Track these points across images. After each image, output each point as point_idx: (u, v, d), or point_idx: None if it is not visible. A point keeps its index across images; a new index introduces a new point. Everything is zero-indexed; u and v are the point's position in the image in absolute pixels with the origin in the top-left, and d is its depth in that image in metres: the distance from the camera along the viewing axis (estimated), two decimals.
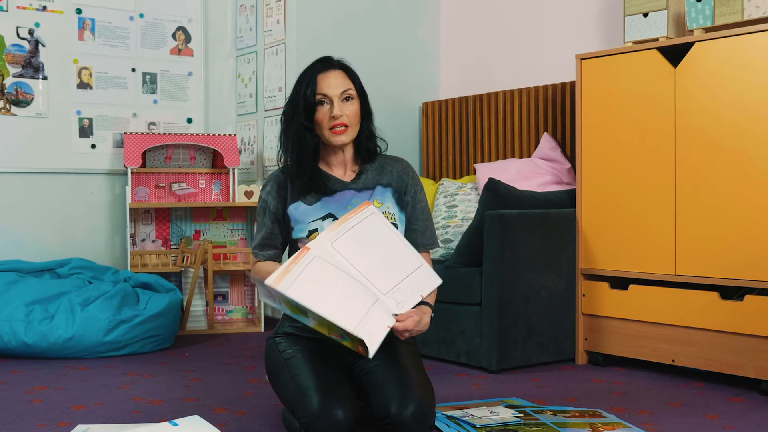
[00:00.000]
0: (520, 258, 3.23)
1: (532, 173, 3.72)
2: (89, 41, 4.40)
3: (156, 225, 4.44)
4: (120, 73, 4.48)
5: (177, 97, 4.65)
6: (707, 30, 3.06)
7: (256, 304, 4.49)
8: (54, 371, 3.25)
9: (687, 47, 3.02)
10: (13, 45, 4.21)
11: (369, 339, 1.94)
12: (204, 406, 2.67)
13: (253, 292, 4.53)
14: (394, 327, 2.03)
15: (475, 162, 4.27)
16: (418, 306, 2.13)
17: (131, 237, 4.34)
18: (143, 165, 4.40)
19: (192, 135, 4.42)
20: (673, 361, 3.07)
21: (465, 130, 4.35)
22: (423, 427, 2.06)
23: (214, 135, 4.43)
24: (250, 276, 2.66)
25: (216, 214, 4.55)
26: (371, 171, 2.36)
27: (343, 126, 2.25)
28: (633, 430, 2.33)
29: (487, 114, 4.23)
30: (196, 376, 3.16)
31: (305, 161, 2.29)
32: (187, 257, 4.26)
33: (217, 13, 4.79)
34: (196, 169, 4.51)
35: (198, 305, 4.36)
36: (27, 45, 4.23)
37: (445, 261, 3.58)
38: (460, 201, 3.84)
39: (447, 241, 3.71)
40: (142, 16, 4.53)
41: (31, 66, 4.25)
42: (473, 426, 2.33)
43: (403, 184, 2.37)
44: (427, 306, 2.18)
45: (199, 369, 3.30)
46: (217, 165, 4.55)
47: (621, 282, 3.27)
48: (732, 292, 2.96)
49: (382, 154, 2.40)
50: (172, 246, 4.47)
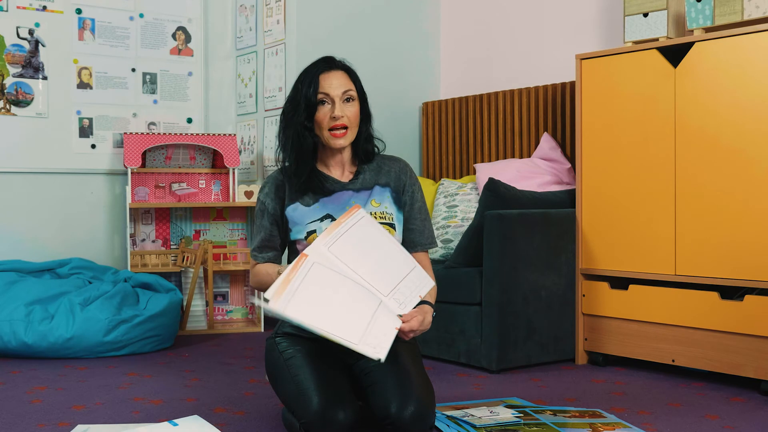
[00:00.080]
0: (520, 258, 3.23)
1: (532, 173, 3.72)
2: (89, 41, 4.40)
3: (156, 225, 4.44)
4: (120, 73, 4.48)
5: (177, 97, 4.64)
6: (707, 30, 3.06)
7: (256, 303, 4.49)
8: (54, 371, 3.25)
9: (687, 47, 3.02)
10: (13, 45, 4.21)
11: (373, 351, 1.94)
12: (204, 406, 2.67)
13: (253, 292, 4.53)
14: (400, 328, 2.03)
15: (475, 162, 4.27)
16: (419, 305, 2.14)
17: (131, 237, 4.34)
18: (143, 165, 4.40)
19: (192, 135, 4.42)
20: (673, 361, 3.07)
21: (465, 130, 4.35)
22: (423, 427, 2.06)
23: (214, 135, 4.43)
24: (249, 279, 2.65)
25: (216, 214, 4.55)
26: (369, 171, 2.36)
27: (343, 127, 2.25)
28: (633, 430, 2.33)
29: (487, 114, 4.23)
30: (196, 376, 3.16)
31: (304, 161, 2.29)
32: (187, 257, 4.26)
33: (217, 13, 4.78)
34: (196, 169, 4.51)
35: (198, 305, 4.36)
36: (27, 45, 4.23)
37: (445, 261, 3.58)
38: (460, 201, 3.84)
39: (447, 241, 3.71)
40: (142, 16, 4.53)
41: (31, 66, 4.25)
42: (473, 426, 2.33)
43: (401, 183, 2.36)
44: (428, 305, 2.18)
45: (199, 369, 3.30)
46: (217, 165, 4.55)
47: (621, 282, 3.27)
48: (732, 292, 2.96)
49: (379, 153, 2.40)
50: (172, 246, 4.47)
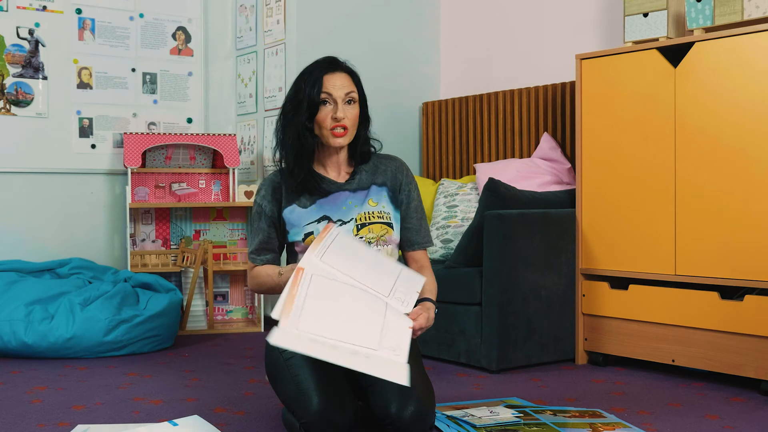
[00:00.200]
0: (520, 258, 3.23)
1: (532, 173, 3.72)
2: (89, 41, 4.40)
3: (156, 225, 4.44)
4: (120, 73, 4.48)
5: (177, 97, 4.64)
6: (707, 30, 3.06)
7: (256, 304, 4.49)
8: (54, 371, 3.25)
9: (687, 47, 3.02)
10: (13, 45, 4.21)
11: (394, 356, 1.90)
12: (204, 406, 2.67)
13: (254, 293, 4.52)
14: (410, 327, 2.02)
15: (475, 162, 4.27)
16: (421, 302, 2.15)
17: (131, 237, 4.34)
18: (143, 165, 4.40)
19: (192, 135, 4.42)
20: (673, 361, 3.07)
21: (465, 130, 4.35)
22: (423, 427, 2.06)
23: (214, 135, 4.43)
24: (247, 282, 2.63)
25: (216, 214, 4.55)
26: (365, 171, 2.36)
27: (343, 128, 2.25)
28: (633, 430, 2.33)
29: (487, 114, 4.23)
30: (196, 376, 3.16)
31: (303, 160, 2.29)
32: (187, 257, 4.26)
33: (217, 13, 4.78)
34: (196, 169, 4.51)
35: (198, 305, 4.36)
36: (27, 45, 4.23)
37: (445, 261, 3.58)
38: (460, 201, 3.84)
39: (447, 241, 3.71)
40: (142, 16, 4.53)
41: (31, 66, 4.24)
42: (473, 426, 2.33)
43: (398, 182, 2.37)
44: (430, 302, 2.19)
45: (199, 369, 3.30)
46: (217, 165, 4.55)
47: (621, 282, 3.27)
48: (732, 292, 2.96)
49: (376, 153, 2.40)
50: (172, 246, 4.47)
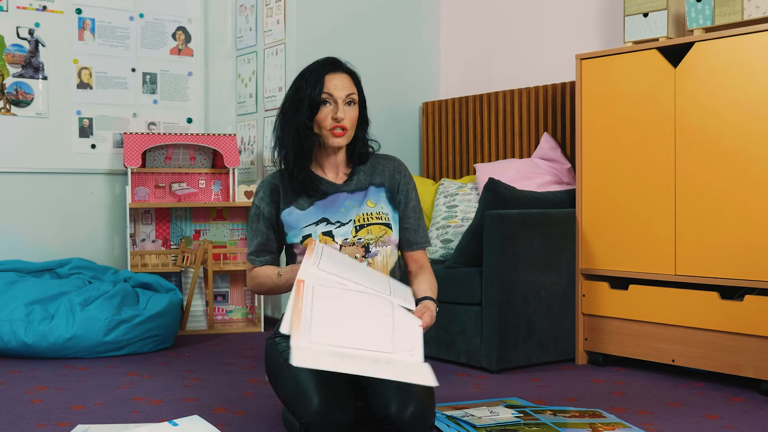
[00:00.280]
0: (520, 258, 3.23)
1: (532, 173, 3.72)
2: (89, 41, 4.40)
3: (156, 225, 4.44)
4: (120, 73, 4.48)
5: (177, 97, 4.64)
6: (707, 30, 3.06)
7: (256, 304, 4.49)
8: (54, 371, 3.25)
9: (687, 47, 3.02)
10: (13, 45, 4.21)
11: (410, 357, 1.89)
12: (204, 406, 2.67)
13: (253, 293, 4.52)
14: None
15: (475, 162, 4.27)
16: (422, 301, 2.15)
17: (131, 237, 4.34)
18: (143, 165, 4.40)
19: (192, 135, 4.42)
20: (673, 361, 3.07)
21: (465, 130, 4.35)
22: (423, 427, 2.05)
23: (214, 135, 4.43)
24: (247, 283, 2.63)
25: (216, 214, 4.55)
26: (363, 172, 2.36)
27: (342, 129, 2.25)
28: (633, 430, 2.33)
29: (487, 114, 4.23)
30: (196, 376, 3.16)
31: (302, 160, 2.29)
32: (187, 257, 4.26)
33: (217, 13, 4.78)
34: (196, 169, 4.51)
35: (198, 305, 4.36)
36: (27, 45, 4.23)
37: (445, 261, 3.58)
38: (460, 201, 3.84)
39: (447, 241, 3.71)
40: (142, 16, 4.53)
41: (31, 66, 4.24)
42: (473, 426, 2.33)
43: (396, 182, 2.36)
44: (430, 300, 2.18)
45: (199, 369, 3.30)
46: (217, 165, 4.55)
47: (621, 282, 3.27)
48: (732, 292, 2.96)
49: (374, 153, 2.40)
50: (172, 246, 4.47)
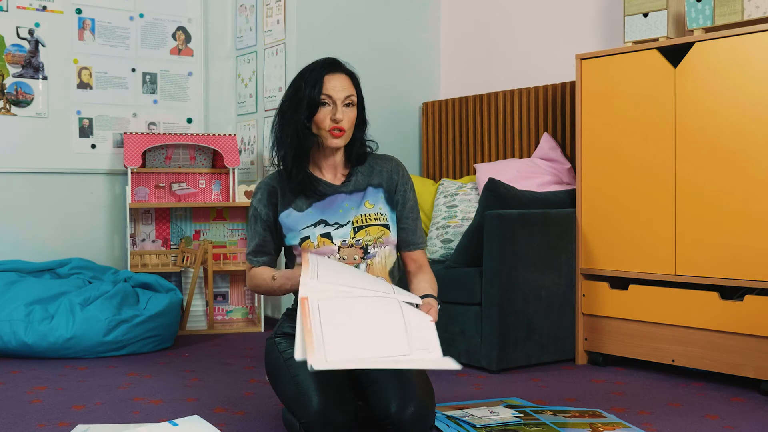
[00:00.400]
0: (520, 258, 3.23)
1: (532, 173, 3.72)
2: (89, 41, 4.40)
3: (156, 225, 4.44)
4: (120, 73, 4.48)
5: (177, 97, 4.64)
6: (707, 30, 3.06)
7: (255, 304, 4.49)
8: (54, 371, 3.25)
9: (687, 47, 3.02)
10: (13, 45, 4.21)
11: (428, 354, 1.89)
12: (204, 406, 2.67)
13: (253, 293, 4.52)
14: None
15: (475, 162, 4.27)
16: (425, 299, 2.15)
17: (131, 237, 4.34)
18: (143, 165, 4.40)
19: (192, 135, 4.41)
20: (673, 361, 3.07)
21: (465, 130, 4.35)
22: (423, 427, 2.06)
23: (214, 135, 4.43)
24: (246, 282, 2.64)
25: (216, 214, 4.55)
26: (361, 173, 2.36)
27: (340, 130, 2.25)
28: (633, 430, 2.33)
29: (487, 114, 4.23)
30: (196, 376, 3.16)
31: (301, 160, 2.29)
32: (187, 257, 4.26)
33: (217, 13, 4.78)
34: (196, 169, 4.51)
35: (198, 305, 4.36)
36: (27, 45, 4.23)
37: (445, 261, 3.58)
38: (460, 201, 3.84)
39: (447, 241, 3.71)
40: (142, 16, 4.53)
41: (31, 66, 4.24)
42: (473, 426, 2.33)
43: (393, 183, 2.36)
44: (432, 298, 2.18)
45: (199, 369, 3.30)
46: (217, 165, 4.55)
47: (621, 282, 3.27)
48: (732, 292, 2.96)
49: (372, 153, 2.40)
50: (172, 246, 4.47)
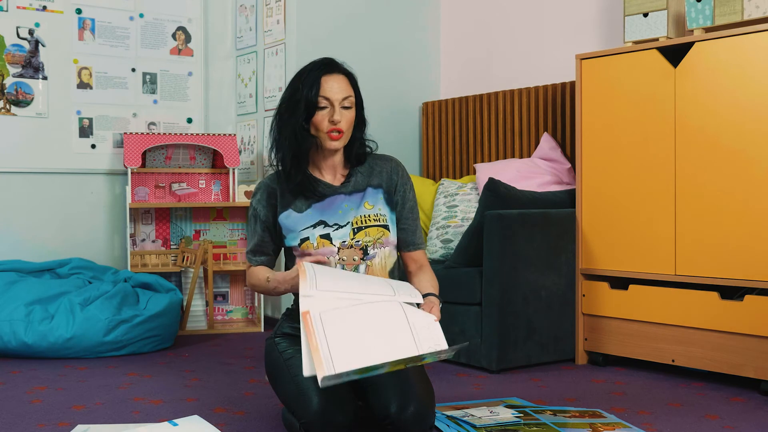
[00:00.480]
0: (520, 258, 3.23)
1: (532, 173, 3.72)
2: (89, 41, 4.40)
3: (156, 225, 4.44)
4: (120, 73, 4.48)
5: (177, 97, 4.64)
6: (707, 30, 3.06)
7: (255, 304, 4.49)
8: (54, 371, 3.25)
9: (687, 47, 3.02)
10: (13, 45, 4.21)
11: (437, 347, 1.91)
12: (204, 406, 2.67)
13: (253, 292, 4.53)
14: None
15: (475, 162, 4.27)
16: (426, 299, 2.15)
17: (131, 237, 4.34)
18: (143, 165, 4.40)
19: (192, 135, 4.41)
20: (673, 361, 3.07)
21: (465, 130, 4.35)
22: (423, 427, 2.06)
23: (214, 135, 4.43)
24: (246, 281, 2.64)
25: (216, 214, 4.55)
26: (360, 173, 2.36)
27: (339, 131, 2.25)
28: (633, 430, 2.33)
29: (487, 114, 4.23)
30: (196, 376, 3.16)
31: (299, 161, 2.29)
32: (187, 257, 4.26)
33: (217, 13, 4.78)
34: (196, 169, 4.51)
35: (198, 305, 4.36)
36: (27, 45, 4.23)
37: (445, 261, 3.58)
38: (460, 201, 3.84)
39: (447, 241, 3.71)
40: (142, 16, 4.53)
41: (31, 66, 4.24)
42: (473, 426, 2.33)
43: (393, 183, 2.36)
44: (433, 296, 2.18)
45: (199, 369, 3.30)
46: (217, 165, 4.55)
47: (621, 282, 3.27)
48: (732, 292, 2.96)
49: (371, 153, 2.40)
50: (172, 246, 4.47)
